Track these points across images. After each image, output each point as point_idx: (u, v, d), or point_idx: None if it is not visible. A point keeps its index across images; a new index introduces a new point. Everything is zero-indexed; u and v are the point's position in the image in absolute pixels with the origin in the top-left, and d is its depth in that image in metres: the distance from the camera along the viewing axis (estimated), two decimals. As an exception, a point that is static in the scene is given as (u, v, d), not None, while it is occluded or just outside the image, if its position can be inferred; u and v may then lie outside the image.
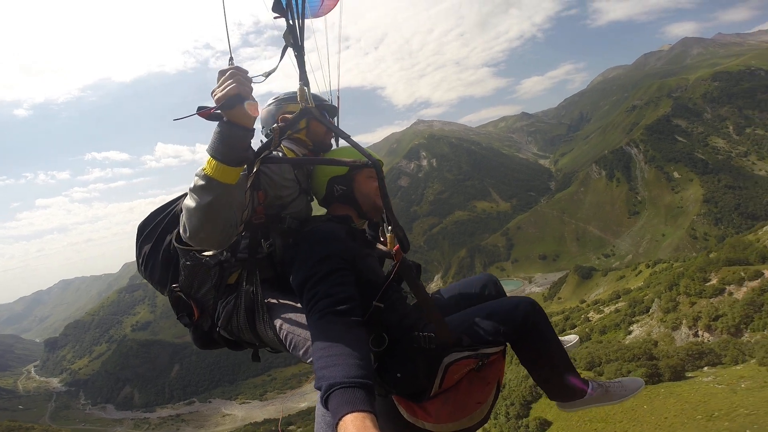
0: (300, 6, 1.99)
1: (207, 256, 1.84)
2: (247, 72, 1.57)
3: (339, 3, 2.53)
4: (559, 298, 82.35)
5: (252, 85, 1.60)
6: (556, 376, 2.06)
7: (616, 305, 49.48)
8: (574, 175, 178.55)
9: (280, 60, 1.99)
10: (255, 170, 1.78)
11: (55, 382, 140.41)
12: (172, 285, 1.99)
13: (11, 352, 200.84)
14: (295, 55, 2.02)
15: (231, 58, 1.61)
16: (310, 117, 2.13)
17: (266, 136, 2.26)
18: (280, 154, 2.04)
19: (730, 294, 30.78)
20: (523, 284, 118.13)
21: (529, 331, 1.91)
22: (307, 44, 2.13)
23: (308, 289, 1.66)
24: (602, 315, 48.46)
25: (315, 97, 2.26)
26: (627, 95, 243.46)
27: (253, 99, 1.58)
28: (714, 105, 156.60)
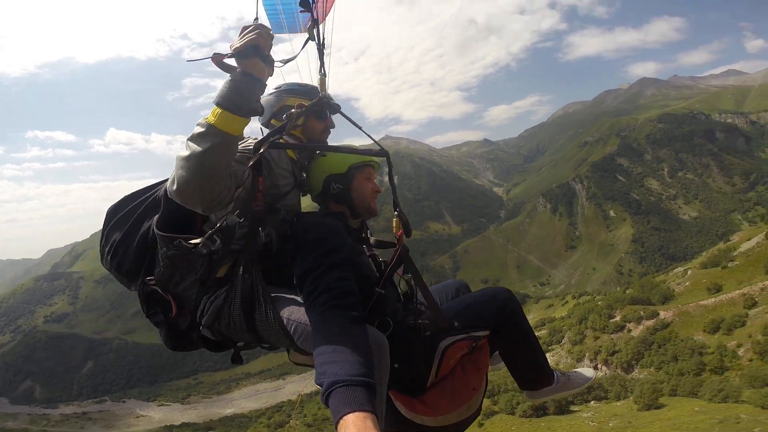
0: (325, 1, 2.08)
1: (196, 244, 1.68)
2: (270, 30, 1.58)
3: (330, 16, 2.51)
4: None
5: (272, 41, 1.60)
6: (532, 362, 2.21)
7: (539, 332, 50.76)
8: (523, 206, 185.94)
9: (301, 50, 2.06)
10: (261, 151, 1.73)
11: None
12: (147, 278, 1.83)
13: None
14: (318, 47, 2.09)
15: (256, 18, 1.64)
16: (323, 107, 2.14)
17: (263, 125, 2.22)
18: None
19: (629, 331, 32.12)
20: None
21: (509, 315, 2.08)
22: (291, 48, 2.21)
23: (310, 282, 1.62)
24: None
25: (318, 93, 2.25)
26: (581, 131, 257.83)
27: (271, 57, 1.60)
28: (655, 146, 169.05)
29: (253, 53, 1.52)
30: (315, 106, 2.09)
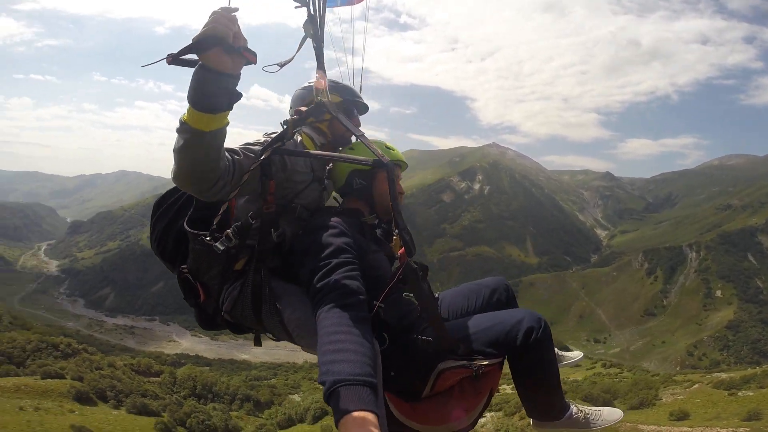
0: None
1: (215, 242, 1.81)
2: (235, 10, 1.41)
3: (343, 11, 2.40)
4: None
5: (238, 24, 1.42)
6: (543, 396, 2.07)
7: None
8: (619, 257, 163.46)
9: (297, 50, 1.99)
10: (263, 157, 1.76)
11: (53, 265, 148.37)
12: (181, 266, 1.99)
13: (37, 224, 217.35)
14: (314, 47, 1.98)
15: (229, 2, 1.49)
16: (323, 113, 2.09)
17: (291, 116, 2.18)
18: (299, 138, 2.07)
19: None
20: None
21: (529, 350, 1.87)
22: (337, 31, 2.08)
23: (317, 281, 1.65)
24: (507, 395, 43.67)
25: (348, 91, 2.25)
26: (732, 190, 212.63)
27: (236, 45, 1.40)
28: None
29: (210, 44, 1.35)
30: (310, 113, 2.03)
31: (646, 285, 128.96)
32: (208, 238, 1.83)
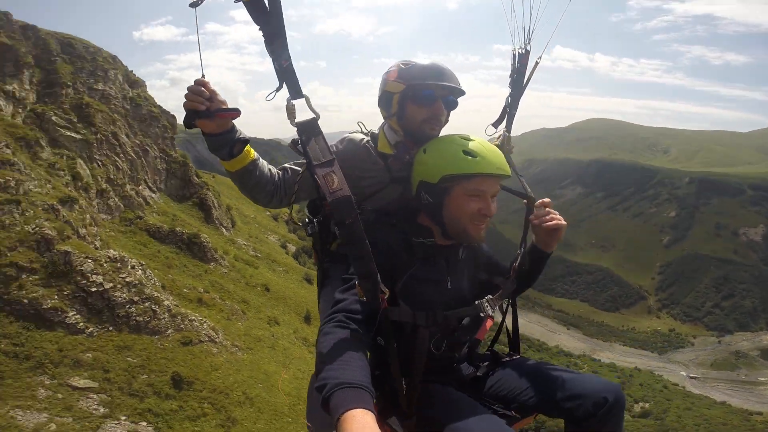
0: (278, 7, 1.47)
1: (307, 224, 2.17)
2: (202, 84, 1.55)
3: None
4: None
5: (210, 89, 1.56)
6: None
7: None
8: None
9: (279, 87, 1.58)
10: (298, 179, 1.91)
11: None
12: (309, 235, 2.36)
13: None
14: (275, 69, 1.50)
15: (202, 74, 1.58)
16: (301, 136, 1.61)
17: (381, 109, 2.07)
18: (364, 139, 2.00)
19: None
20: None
21: None
22: None
23: (339, 287, 1.64)
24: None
25: (415, 73, 1.86)
26: None
27: (211, 110, 1.58)
28: None
29: (192, 118, 1.59)
30: (301, 139, 1.57)
31: None
32: (302, 223, 2.18)
